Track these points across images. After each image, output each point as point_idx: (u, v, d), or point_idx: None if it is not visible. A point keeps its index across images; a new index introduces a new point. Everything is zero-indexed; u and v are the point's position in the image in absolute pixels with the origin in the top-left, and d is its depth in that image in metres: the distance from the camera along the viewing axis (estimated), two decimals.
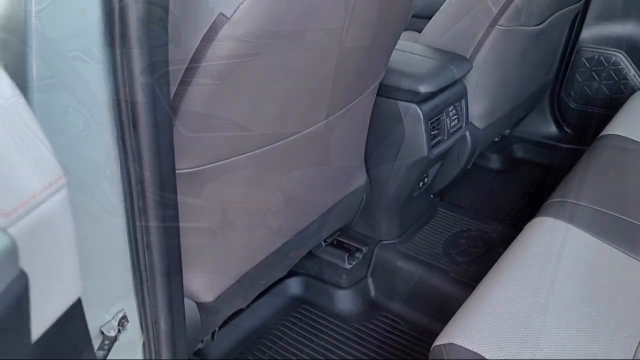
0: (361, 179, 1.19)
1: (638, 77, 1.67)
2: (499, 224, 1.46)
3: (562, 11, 1.43)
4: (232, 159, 0.76)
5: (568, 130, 1.82)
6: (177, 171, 0.64)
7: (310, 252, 1.30)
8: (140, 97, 0.55)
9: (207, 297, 0.88)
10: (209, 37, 0.61)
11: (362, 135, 1.13)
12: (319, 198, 1.07)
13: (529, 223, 0.97)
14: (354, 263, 1.32)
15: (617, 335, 0.73)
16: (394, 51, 1.07)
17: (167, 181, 0.62)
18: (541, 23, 1.33)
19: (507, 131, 1.87)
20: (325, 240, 1.33)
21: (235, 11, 0.60)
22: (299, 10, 0.67)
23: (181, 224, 0.68)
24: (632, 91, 1.64)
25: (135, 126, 0.56)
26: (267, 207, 0.93)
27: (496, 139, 1.84)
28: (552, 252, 0.86)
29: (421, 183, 1.33)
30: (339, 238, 1.36)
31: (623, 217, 0.97)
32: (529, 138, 1.90)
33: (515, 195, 1.68)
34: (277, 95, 0.75)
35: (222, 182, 0.78)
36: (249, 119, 0.74)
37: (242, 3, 0.60)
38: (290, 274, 1.28)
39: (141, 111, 0.55)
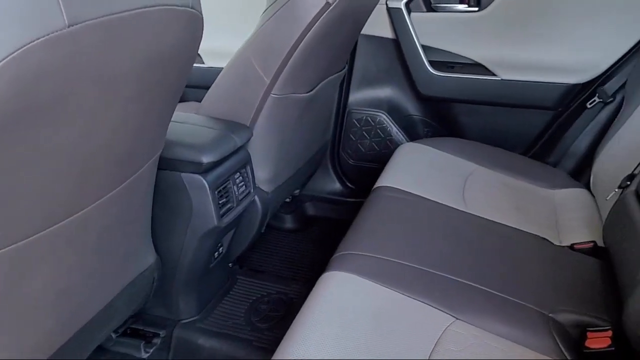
0: (150, 258, 1.12)
1: (400, 134, 1.89)
2: (297, 283, 1.49)
3: (329, 79, 1.56)
4: None
5: (350, 185, 1.97)
6: None
7: (100, 347, 1.17)
8: None
9: None
10: None
11: (145, 213, 1.07)
12: (102, 286, 0.97)
13: (319, 279, 1.00)
14: (151, 350, 1.22)
15: None
16: (174, 124, 1.05)
17: None
18: (311, 90, 1.44)
19: (297, 191, 1.95)
20: (116, 331, 1.21)
21: None
22: (52, 85, 0.61)
23: None
24: (397, 146, 1.85)
25: None
26: (35, 305, 0.81)
27: (287, 200, 1.91)
28: (341, 305, 0.89)
29: (216, 253, 1.30)
30: (132, 326, 1.25)
31: (400, 262, 1.06)
32: (318, 195, 2.01)
33: (311, 252, 1.74)
34: (32, 183, 0.67)
35: None
36: None
37: None
38: None
39: None
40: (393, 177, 1.40)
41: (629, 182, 1.17)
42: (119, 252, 0.99)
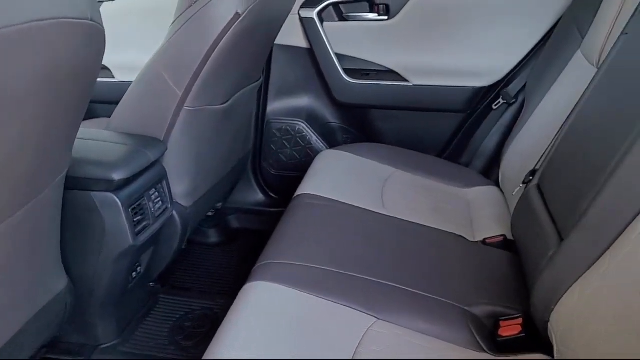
0: (61, 284, 1.06)
1: (319, 142, 1.91)
2: (222, 298, 1.47)
3: (245, 89, 1.55)
4: None
5: (273, 195, 1.97)
6: None
7: None
8: None
9: None
10: None
11: (53, 236, 1.02)
12: (7, 316, 0.91)
13: (241, 291, 0.99)
14: None
15: None
16: (82, 141, 1.01)
17: None
18: (227, 101, 1.42)
19: (219, 204, 1.92)
20: None
21: None
22: None
23: None
24: (317, 154, 1.86)
25: None
26: None
27: (210, 213, 1.88)
28: (263, 314, 0.89)
29: (134, 273, 1.26)
30: (46, 356, 1.18)
31: (321, 268, 1.07)
32: (241, 207, 1.99)
33: (236, 265, 1.72)
34: None
35: None
36: None
37: None
38: None
39: None
40: (313, 184, 1.42)
41: (531, 177, 1.24)
42: (25, 280, 0.94)
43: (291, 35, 1.81)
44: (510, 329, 0.97)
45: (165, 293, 1.45)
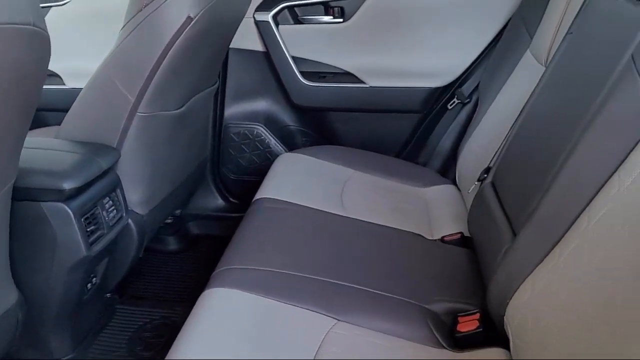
0: (11, 298, 1.02)
1: (278, 145, 1.91)
2: (182, 306, 1.45)
3: (200, 94, 1.53)
4: None
5: (233, 200, 1.95)
6: None
7: None
8: None
9: None
10: None
11: (1, 249, 0.98)
12: None
13: (199, 298, 0.98)
14: None
15: None
16: (31, 150, 0.97)
17: None
18: (182, 106, 1.40)
19: (178, 211, 1.89)
20: None
21: None
22: None
23: None
24: (276, 157, 1.85)
25: None
26: None
27: (169, 220, 1.85)
28: (221, 321, 0.88)
29: (89, 284, 1.23)
30: None
31: (281, 271, 1.06)
32: (201, 214, 1.96)
33: (197, 272, 1.70)
34: None
35: None
36: None
37: None
38: None
39: None
40: (271, 188, 1.41)
41: (485, 175, 1.27)
42: None
43: (247, 38, 1.80)
44: (468, 325, 0.98)
45: (123, 303, 1.42)
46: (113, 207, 1.21)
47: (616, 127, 0.80)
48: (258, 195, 1.39)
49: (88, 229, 1.11)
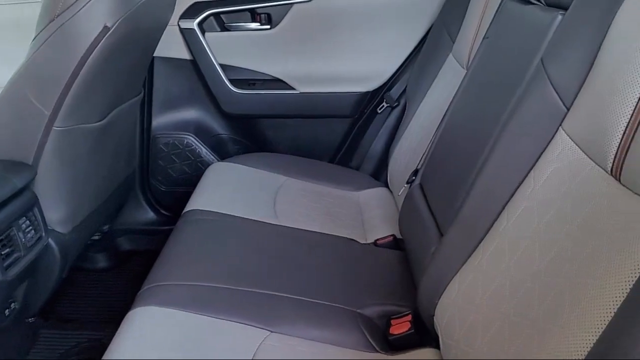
0: None
1: (210, 154, 1.87)
2: (112, 326, 1.38)
3: (124, 105, 1.48)
4: None
5: (165, 213, 1.90)
6: None
7: None
8: None
9: None
10: None
11: None
12: None
13: (125, 318, 0.94)
14: None
15: None
16: None
17: None
18: (103, 118, 1.35)
19: (107, 227, 1.82)
20: None
21: None
22: None
23: None
24: (208, 166, 1.82)
25: None
26: None
27: (97, 237, 1.77)
28: (147, 342, 0.85)
29: (7, 310, 1.15)
30: None
31: (211, 285, 1.04)
32: (132, 228, 1.89)
33: (129, 290, 1.62)
34: None
35: None
36: None
37: None
38: None
39: None
40: (201, 199, 1.38)
41: (414, 177, 1.29)
42: None
43: (172, 47, 1.75)
44: (400, 327, 0.99)
45: (48, 327, 1.34)
46: (30, 228, 1.14)
47: (529, 128, 0.83)
48: (187, 208, 1.36)
49: (3, 252, 1.04)
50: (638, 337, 0.46)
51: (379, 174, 1.81)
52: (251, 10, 1.78)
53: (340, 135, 1.89)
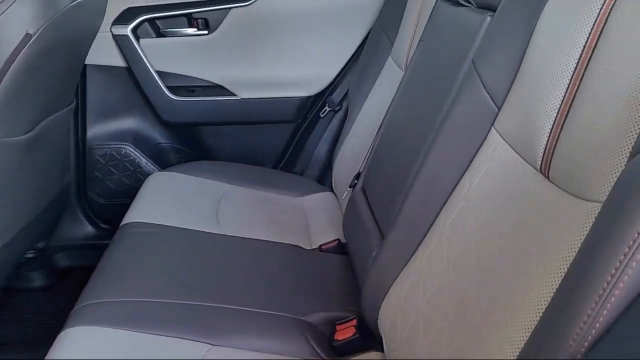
0: None
1: (150, 164, 1.82)
2: (48, 348, 1.32)
3: (54, 115, 1.41)
4: None
5: (104, 226, 1.83)
6: None
7: None
8: None
9: None
10: None
11: None
12: None
13: (56, 339, 0.89)
14: None
15: None
16: None
17: None
18: (31, 130, 1.28)
19: (42, 243, 1.73)
20: None
21: None
22: None
23: None
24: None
25: None
26: None
27: (31, 255, 1.68)
28: None
29: None
30: None
31: (149, 300, 1.00)
32: (70, 244, 1.81)
33: (66, 309, 1.55)
34: None
35: None
36: None
37: None
38: None
39: None
40: (140, 211, 1.33)
41: (356, 181, 1.29)
42: None
43: (106, 54, 1.69)
44: (345, 332, 0.98)
45: None
46: None
47: (463, 130, 0.84)
48: (125, 220, 1.31)
49: None
50: (564, 338, 0.45)
51: (323, 179, 1.80)
52: (187, 16, 1.74)
53: (284, 140, 1.87)
